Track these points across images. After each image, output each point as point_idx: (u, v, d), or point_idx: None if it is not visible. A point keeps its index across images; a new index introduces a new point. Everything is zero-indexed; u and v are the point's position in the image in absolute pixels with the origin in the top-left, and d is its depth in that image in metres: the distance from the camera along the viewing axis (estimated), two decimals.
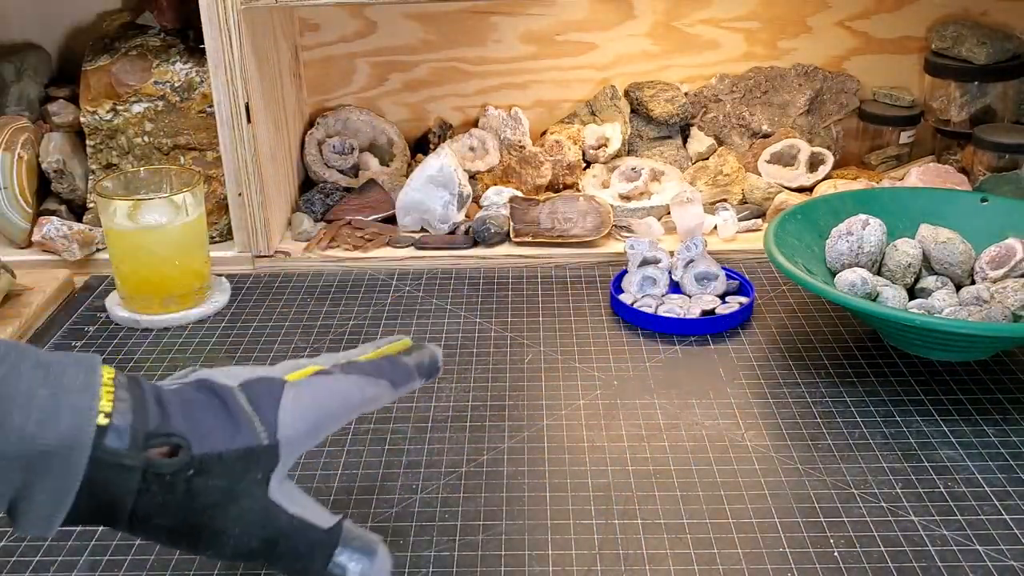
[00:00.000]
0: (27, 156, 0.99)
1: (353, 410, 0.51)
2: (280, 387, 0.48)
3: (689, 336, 0.83)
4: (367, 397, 0.51)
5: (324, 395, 0.49)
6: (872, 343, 0.81)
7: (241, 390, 0.47)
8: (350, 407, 0.50)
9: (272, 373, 0.50)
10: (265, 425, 0.46)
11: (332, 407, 0.49)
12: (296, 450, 0.48)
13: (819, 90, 1.14)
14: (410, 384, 0.53)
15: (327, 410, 0.49)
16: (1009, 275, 0.80)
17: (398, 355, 0.54)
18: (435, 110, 1.18)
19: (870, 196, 0.90)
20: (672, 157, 1.12)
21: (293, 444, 0.47)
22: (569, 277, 0.94)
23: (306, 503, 0.48)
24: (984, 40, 1.07)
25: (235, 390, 0.47)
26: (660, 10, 1.13)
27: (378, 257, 0.98)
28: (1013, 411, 0.72)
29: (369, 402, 0.51)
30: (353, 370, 0.51)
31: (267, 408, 0.47)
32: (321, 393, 0.49)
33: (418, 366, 0.54)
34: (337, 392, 0.50)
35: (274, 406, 0.47)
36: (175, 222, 0.86)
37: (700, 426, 0.71)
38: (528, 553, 0.58)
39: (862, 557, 0.57)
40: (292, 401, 0.48)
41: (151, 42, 1.00)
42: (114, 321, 0.88)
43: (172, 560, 0.59)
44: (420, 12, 1.13)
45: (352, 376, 0.51)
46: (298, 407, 0.48)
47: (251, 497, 0.45)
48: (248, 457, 0.45)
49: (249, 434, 0.46)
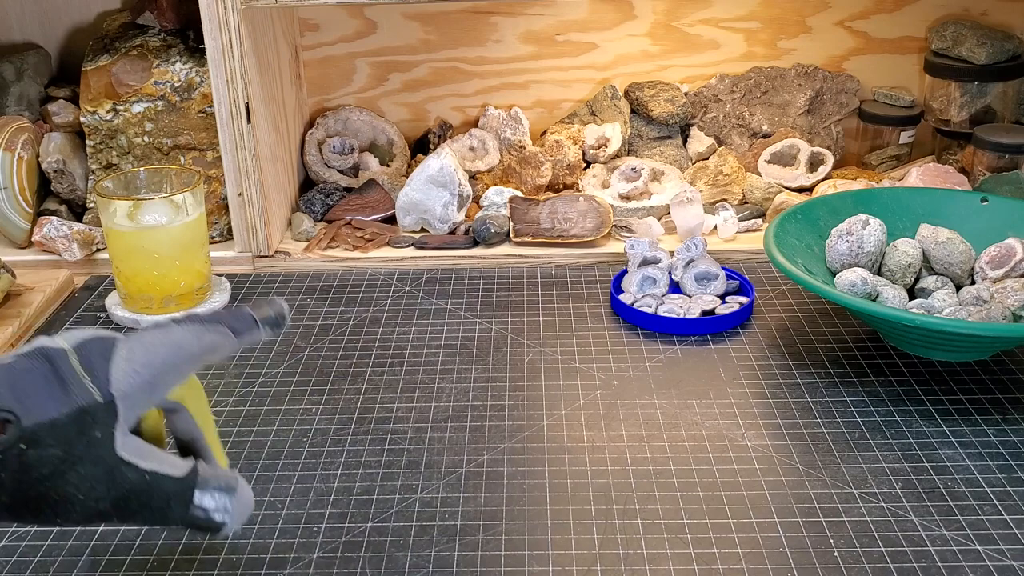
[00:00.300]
0: (27, 156, 0.99)
1: (193, 359, 0.51)
2: (112, 343, 0.48)
3: (689, 336, 0.83)
4: (205, 345, 0.51)
5: (158, 345, 0.49)
6: (872, 343, 0.81)
7: (75, 351, 0.47)
8: (188, 356, 0.50)
9: (110, 332, 0.49)
10: (97, 383, 0.46)
11: (168, 356, 0.49)
12: (137, 404, 0.48)
13: (819, 90, 1.14)
14: (253, 334, 0.53)
15: (163, 359, 0.49)
16: (1009, 275, 0.80)
17: (239, 305, 0.54)
18: (435, 110, 1.18)
19: (870, 196, 0.90)
20: (672, 157, 1.12)
21: (131, 398, 0.47)
22: (569, 277, 0.94)
23: (158, 454, 0.48)
24: (984, 40, 1.07)
25: (68, 352, 0.47)
26: (660, 10, 1.13)
27: (378, 257, 0.98)
28: (1013, 411, 0.72)
29: (209, 350, 0.51)
30: (190, 320, 0.51)
31: (99, 365, 0.47)
32: (155, 344, 0.49)
33: (262, 317, 0.53)
34: (172, 342, 0.50)
35: (106, 362, 0.47)
36: (175, 222, 0.86)
37: (700, 426, 0.71)
38: (528, 553, 0.58)
39: (862, 557, 0.57)
40: (125, 355, 0.48)
41: (151, 42, 1.00)
42: (114, 321, 0.88)
43: (172, 560, 0.59)
44: (420, 12, 1.13)
45: (188, 324, 0.51)
46: (132, 360, 0.48)
47: (93, 459, 0.45)
48: (82, 418, 0.45)
49: (81, 394, 0.45)
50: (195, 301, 0.89)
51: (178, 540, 0.60)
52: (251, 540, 0.60)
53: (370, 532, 0.60)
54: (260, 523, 0.62)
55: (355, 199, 1.06)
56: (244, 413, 0.74)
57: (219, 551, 0.59)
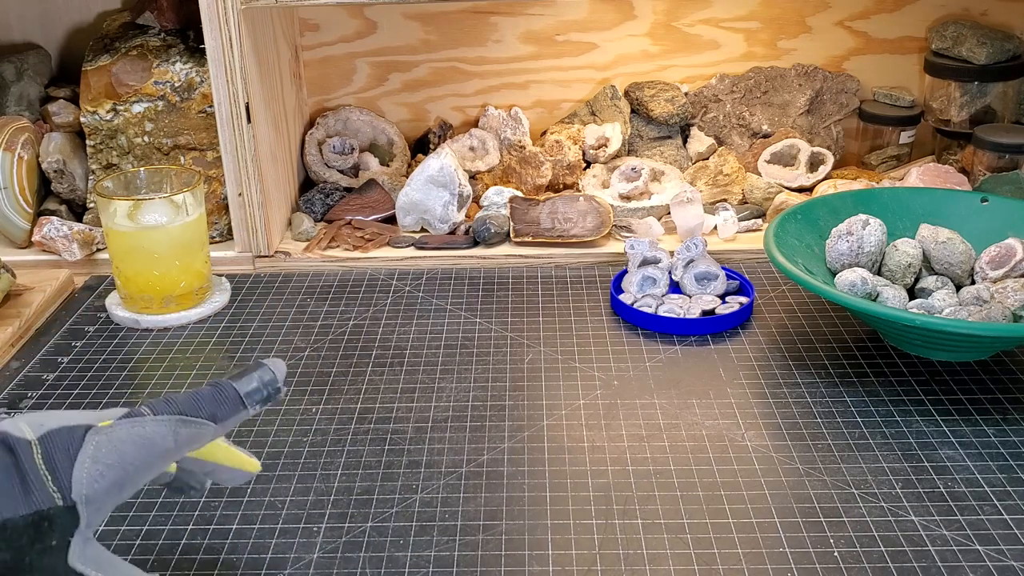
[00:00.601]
0: (27, 156, 0.99)
1: (167, 455, 0.46)
2: (81, 437, 0.43)
3: (689, 336, 0.83)
4: (182, 440, 0.46)
5: (128, 443, 0.44)
6: (872, 343, 0.81)
7: (40, 443, 0.43)
8: (161, 452, 0.45)
9: (81, 420, 0.45)
10: (58, 485, 0.42)
11: (139, 455, 0.44)
12: (102, 508, 0.43)
13: (819, 90, 1.14)
14: (238, 416, 0.48)
15: (134, 458, 0.44)
16: (1009, 275, 0.80)
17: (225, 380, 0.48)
18: (435, 110, 1.18)
19: (870, 196, 0.90)
20: (672, 157, 1.12)
21: (96, 501, 0.43)
22: (569, 277, 0.94)
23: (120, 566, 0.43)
24: (984, 40, 1.07)
25: (32, 444, 0.43)
26: (660, 10, 1.13)
27: (378, 257, 0.98)
28: (1013, 411, 0.72)
29: (185, 444, 0.46)
30: (165, 408, 0.46)
31: (63, 464, 0.42)
32: (125, 441, 0.44)
33: (249, 392, 0.48)
34: (143, 438, 0.45)
35: (70, 461, 0.42)
36: (175, 222, 0.86)
37: (700, 426, 0.71)
38: (528, 553, 0.58)
39: (862, 557, 0.57)
40: (91, 454, 0.43)
41: (151, 42, 1.00)
42: (114, 321, 0.88)
43: (172, 560, 0.59)
44: (420, 12, 1.13)
45: (162, 417, 0.46)
46: (99, 459, 0.43)
47: (43, 568, 0.41)
48: (39, 523, 0.41)
49: (41, 496, 0.41)
50: (195, 301, 0.89)
51: (178, 540, 0.60)
52: (251, 540, 0.60)
53: (370, 532, 0.60)
54: (260, 523, 0.62)
55: (355, 199, 1.06)
56: None
57: (219, 551, 0.59)
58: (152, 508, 0.63)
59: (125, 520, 0.62)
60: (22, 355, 0.82)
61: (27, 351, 0.83)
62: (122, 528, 0.61)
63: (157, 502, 0.64)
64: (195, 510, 0.63)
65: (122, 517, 0.62)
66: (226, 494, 0.64)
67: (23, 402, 0.76)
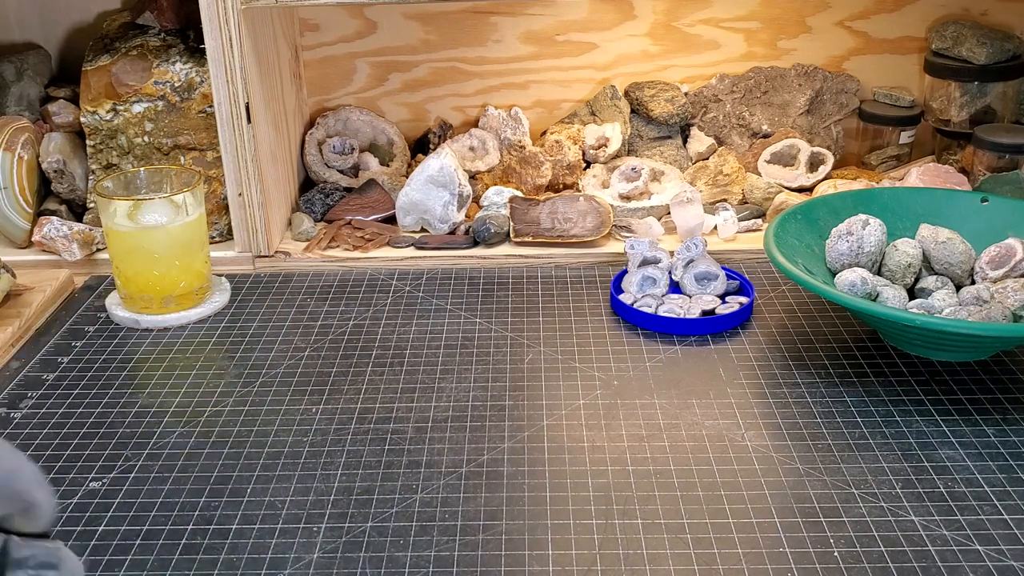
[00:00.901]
0: (27, 156, 0.99)
1: None
2: None
3: (689, 336, 0.83)
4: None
5: None
6: (872, 343, 0.81)
7: None
8: None
9: None
10: None
11: None
12: None
13: (819, 90, 1.14)
14: None
15: None
16: (1009, 275, 0.80)
17: None
18: (435, 110, 1.18)
19: (870, 196, 0.90)
20: (672, 157, 1.12)
21: None
22: (569, 277, 0.94)
23: None
24: (984, 40, 1.07)
25: None
26: (660, 10, 1.13)
27: (378, 257, 0.98)
28: (1013, 411, 0.72)
29: None
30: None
31: None
32: None
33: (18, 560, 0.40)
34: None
35: None
36: (175, 222, 0.86)
37: (700, 426, 0.71)
38: (528, 553, 0.58)
39: (862, 557, 0.57)
40: None
41: (151, 42, 1.00)
42: (114, 321, 0.88)
43: (172, 560, 0.59)
44: (420, 12, 1.13)
45: None
46: None
47: None
48: None
49: None
50: (195, 301, 0.89)
51: (178, 540, 0.60)
52: (251, 540, 0.60)
53: (370, 532, 0.60)
54: (260, 523, 0.62)
55: (355, 199, 1.06)
56: (244, 413, 0.74)
57: (219, 551, 0.59)
58: (152, 508, 0.63)
59: (125, 520, 0.62)
60: (22, 355, 0.82)
61: (27, 351, 0.83)
62: (122, 528, 0.61)
63: (157, 502, 0.64)
64: (195, 510, 0.63)
65: (122, 517, 0.62)
66: (226, 494, 0.64)
67: (23, 402, 0.76)
